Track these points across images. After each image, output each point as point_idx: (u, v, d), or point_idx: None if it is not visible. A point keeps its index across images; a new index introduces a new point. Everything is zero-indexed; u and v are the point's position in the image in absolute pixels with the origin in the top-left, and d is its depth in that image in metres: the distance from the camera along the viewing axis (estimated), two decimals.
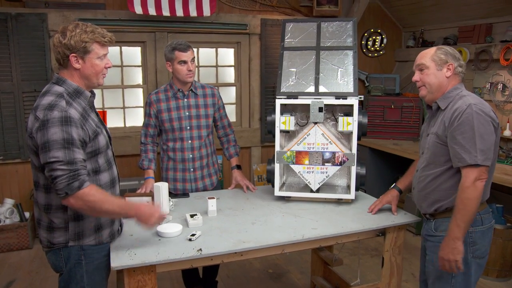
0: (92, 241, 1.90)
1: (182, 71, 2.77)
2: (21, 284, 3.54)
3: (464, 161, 1.92)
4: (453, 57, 2.08)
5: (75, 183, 1.70)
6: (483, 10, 4.50)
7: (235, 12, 5.02)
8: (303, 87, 2.65)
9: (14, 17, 4.15)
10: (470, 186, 1.91)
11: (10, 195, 4.42)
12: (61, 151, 1.68)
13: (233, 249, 2.00)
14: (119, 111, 4.87)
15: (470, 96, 2.02)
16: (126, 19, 4.51)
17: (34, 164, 1.83)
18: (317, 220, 2.36)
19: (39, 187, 1.85)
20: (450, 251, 1.96)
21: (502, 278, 3.57)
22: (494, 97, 4.37)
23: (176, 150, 2.88)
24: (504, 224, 3.55)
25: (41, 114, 1.71)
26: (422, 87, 2.15)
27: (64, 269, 1.90)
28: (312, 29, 2.81)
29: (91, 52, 1.82)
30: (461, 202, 1.93)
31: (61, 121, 1.70)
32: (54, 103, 1.73)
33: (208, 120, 2.93)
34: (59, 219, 1.84)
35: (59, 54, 1.80)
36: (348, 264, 3.74)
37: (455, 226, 1.94)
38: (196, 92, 2.90)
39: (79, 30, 1.80)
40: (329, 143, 2.60)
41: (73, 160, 1.70)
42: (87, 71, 1.84)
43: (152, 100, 2.87)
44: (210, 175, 3.02)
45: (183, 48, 2.73)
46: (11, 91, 4.23)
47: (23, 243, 4.18)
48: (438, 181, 2.09)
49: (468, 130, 1.92)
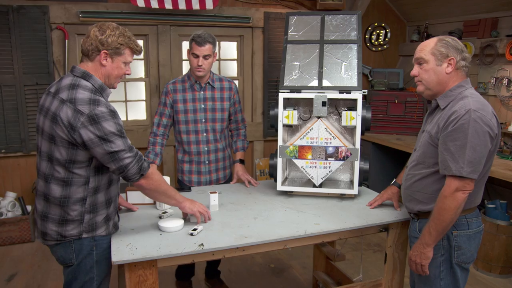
0: (103, 232, 1.95)
1: (193, 64, 2.76)
2: (23, 277, 3.54)
3: (449, 170, 1.82)
4: (455, 50, 1.91)
5: (144, 164, 1.89)
6: (489, 4, 4.44)
7: (238, 5, 4.98)
8: (306, 81, 2.63)
9: (15, 10, 4.12)
10: (448, 196, 1.83)
11: (12, 188, 4.42)
12: (121, 141, 1.81)
13: (234, 244, 1.98)
14: (121, 105, 4.85)
15: (472, 99, 1.86)
16: (128, 12, 4.48)
17: (53, 157, 1.82)
18: (320, 216, 2.34)
19: (53, 180, 1.84)
20: (418, 254, 1.95)
21: (505, 275, 3.55)
22: (499, 92, 4.33)
23: (191, 143, 2.88)
24: (508, 221, 3.52)
25: (85, 109, 1.75)
26: (419, 83, 2.02)
27: (74, 261, 1.91)
28: (316, 23, 2.77)
29: (122, 55, 1.92)
30: (437, 210, 1.86)
31: (111, 114, 1.80)
32: (95, 98, 1.80)
33: (223, 114, 2.91)
34: (75, 212, 1.86)
35: (91, 45, 1.85)
36: (350, 259, 3.73)
37: (427, 233, 1.90)
38: (213, 85, 2.88)
39: (118, 32, 1.89)
40: (332, 137, 2.57)
41: (131, 146, 1.86)
42: (111, 70, 1.91)
43: (169, 89, 2.86)
44: (225, 168, 3.03)
45: (199, 41, 2.70)
46: (13, 84, 4.22)
47: (25, 236, 4.18)
48: (424, 183, 2.01)
49: (460, 138, 1.80)
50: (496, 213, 3.59)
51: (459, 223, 1.95)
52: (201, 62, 2.72)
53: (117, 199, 2.06)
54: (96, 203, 1.90)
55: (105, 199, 1.94)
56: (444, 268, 1.99)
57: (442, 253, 1.98)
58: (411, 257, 2.00)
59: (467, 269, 2.03)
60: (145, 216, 2.31)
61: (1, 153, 4.31)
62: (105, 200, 1.94)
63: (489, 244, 3.53)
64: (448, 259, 1.98)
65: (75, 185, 1.84)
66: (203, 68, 2.75)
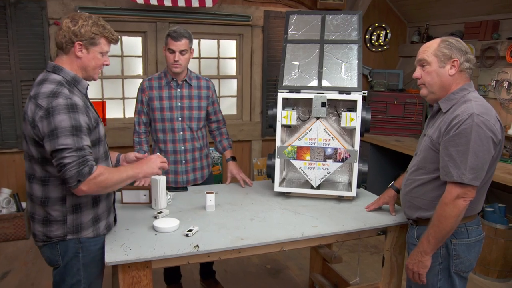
0: (90, 234, 1.87)
1: (169, 60, 2.70)
2: (16, 275, 3.50)
3: (451, 176, 1.77)
4: (459, 51, 1.86)
5: (85, 169, 1.68)
6: (490, 6, 4.42)
7: (237, 4, 4.94)
8: (306, 81, 2.60)
9: (13, 4, 4.07)
10: (449, 204, 1.77)
11: (7, 184, 4.38)
12: (70, 138, 1.67)
13: (230, 246, 1.95)
14: (118, 102, 4.81)
15: (475, 102, 1.81)
16: (127, 9, 4.44)
17: (30, 156, 1.78)
18: (318, 218, 2.31)
19: (35, 180, 1.80)
20: (415, 263, 1.90)
21: (503, 279, 3.53)
22: (499, 95, 4.31)
23: (167, 141, 2.82)
24: (506, 224, 3.50)
25: (44, 102, 1.67)
26: (422, 86, 1.96)
27: (60, 263, 1.86)
28: (316, 22, 2.74)
29: (97, 46, 1.83)
30: (437, 218, 1.81)
31: (68, 108, 1.68)
32: (56, 91, 1.70)
33: (200, 113, 2.86)
34: (57, 212, 1.80)
35: (64, 38, 1.78)
36: (347, 261, 3.71)
37: (426, 241, 1.85)
38: (190, 83, 2.83)
39: (91, 22, 1.80)
40: (331, 138, 2.54)
41: (81, 147, 1.69)
42: (88, 62, 1.83)
43: (145, 86, 2.81)
44: (202, 168, 2.97)
45: (175, 36, 2.65)
46: (9, 80, 4.18)
47: (20, 233, 4.14)
48: (424, 189, 1.96)
49: (463, 143, 1.74)
50: (495, 216, 3.56)
51: (459, 232, 1.90)
52: (178, 57, 2.67)
53: (109, 198, 1.99)
54: (79, 202, 1.83)
55: (90, 199, 1.86)
56: (442, 277, 1.94)
57: (440, 262, 1.93)
58: (408, 265, 1.94)
59: (465, 278, 1.98)
60: (140, 216, 2.28)
61: None
62: (91, 200, 1.86)
63: (487, 248, 3.50)
64: (446, 267, 1.93)
65: (52, 184, 1.78)
66: (180, 64, 2.69)
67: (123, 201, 2.46)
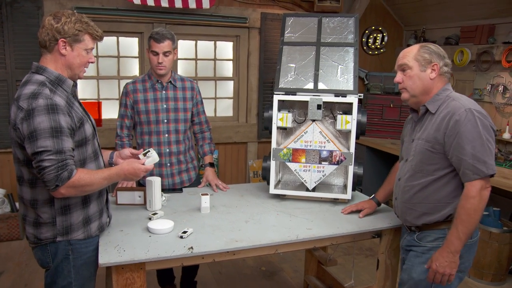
0: (80, 235, 1.85)
1: (153, 62, 2.69)
2: (10, 275, 3.48)
3: (482, 173, 1.78)
4: (438, 56, 1.92)
5: (64, 174, 1.66)
6: (487, 11, 4.44)
7: (235, 5, 4.94)
8: (302, 83, 2.60)
9: (9, 4, 4.06)
10: (476, 196, 1.78)
11: (2, 185, 4.36)
12: (50, 140, 1.64)
13: (225, 248, 1.95)
14: (114, 102, 4.80)
15: (464, 99, 1.88)
16: (124, 9, 4.43)
17: (17, 158, 1.77)
18: (312, 220, 2.31)
19: (24, 182, 1.79)
20: (447, 264, 1.83)
21: (497, 282, 3.54)
22: (495, 99, 4.33)
23: (152, 144, 2.79)
24: (501, 228, 3.52)
25: (24, 104, 1.65)
26: (403, 90, 1.99)
27: (51, 265, 1.85)
28: (312, 24, 2.75)
29: (81, 42, 1.80)
30: (466, 213, 1.79)
31: (47, 109, 1.65)
32: (37, 92, 1.67)
33: (186, 114, 2.84)
34: (46, 214, 1.79)
35: (47, 36, 1.74)
36: (342, 264, 3.70)
37: (456, 239, 1.80)
38: (175, 84, 2.81)
39: (74, 18, 1.77)
40: (326, 141, 2.54)
41: (61, 149, 1.66)
42: (72, 60, 1.80)
43: (129, 89, 2.78)
44: (188, 170, 2.94)
45: (157, 38, 2.63)
46: (5, 79, 4.16)
47: (14, 233, 4.12)
48: (426, 192, 1.95)
49: (476, 138, 1.78)
50: (489, 220, 3.58)
51: None
52: (161, 59, 2.65)
53: (101, 198, 1.97)
54: (68, 204, 1.81)
55: (80, 200, 1.84)
56: None
57: None
58: (439, 270, 1.84)
59: (462, 279, 2.00)
60: (134, 217, 2.27)
61: None
62: (80, 201, 1.84)
63: (481, 251, 3.51)
64: None
65: (40, 186, 1.76)
66: (164, 65, 2.67)
67: (117, 202, 2.45)
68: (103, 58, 4.67)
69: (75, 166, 1.75)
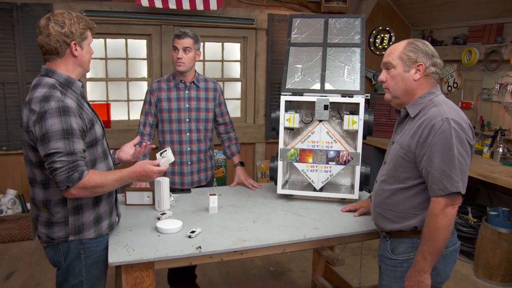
0: (92, 234, 1.88)
1: (173, 57, 2.76)
2: (21, 275, 3.53)
3: (446, 190, 1.64)
4: (425, 55, 1.76)
5: (75, 175, 1.68)
6: (494, 10, 4.42)
7: (242, 7, 4.96)
8: (309, 84, 2.61)
9: (19, 7, 4.12)
10: (439, 214, 1.65)
11: (13, 185, 4.41)
12: (61, 142, 1.66)
13: (233, 247, 1.97)
14: (123, 104, 4.84)
15: (446, 106, 1.72)
16: (132, 12, 4.47)
17: (30, 160, 1.80)
18: (320, 220, 2.32)
19: (36, 184, 1.82)
20: (415, 284, 1.74)
21: (506, 283, 3.52)
22: (503, 99, 4.30)
23: (174, 142, 2.85)
24: (510, 228, 3.49)
25: (37, 107, 1.68)
26: (386, 90, 1.86)
27: (62, 264, 1.88)
28: (319, 25, 2.76)
29: (87, 39, 1.86)
30: (429, 232, 1.68)
31: (59, 111, 1.68)
32: (49, 94, 1.70)
33: (208, 114, 2.89)
34: (59, 214, 1.82)
35: (57, 43, 1.76)
36: (350, 264, 3.70)
37: (422, 259, 1.70)
38: (198, 84, 2.86)
39: (76, 18, 1.80)
40: (333, 141, 2.55)
41: (73, 151, 1.69)
42: (83, 57, 1.85)
43: (154, 88, 2.84)
44: (207, 169, 2.99)
45: (179, 35, 2.72)
46: (16, 82, 4.22)
47: (25, 234, 4.17)
48: (394, 200, 1.84)
49: (447, 151, 1.63)
50: (498, 220, 3.55)
51: None
52: (181, 55, 2.70)
53: (111, 197, 1.99)
54: (80, 203, 1.83)
55: (91, 199, 1.87)
56: None
57: None
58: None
59: None
60: (143, 217, 2.29)
61: (2, 150, 4.30)
62: (92, 200, 1.87)
63: (491, 252, 3.49)
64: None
65: (52, 187, 1.78)
66: (183, 62, 2.72)
67: (126, 202, 2.48)
68: (112, 60, 4.72)
69: (87, 166, 1.78)
